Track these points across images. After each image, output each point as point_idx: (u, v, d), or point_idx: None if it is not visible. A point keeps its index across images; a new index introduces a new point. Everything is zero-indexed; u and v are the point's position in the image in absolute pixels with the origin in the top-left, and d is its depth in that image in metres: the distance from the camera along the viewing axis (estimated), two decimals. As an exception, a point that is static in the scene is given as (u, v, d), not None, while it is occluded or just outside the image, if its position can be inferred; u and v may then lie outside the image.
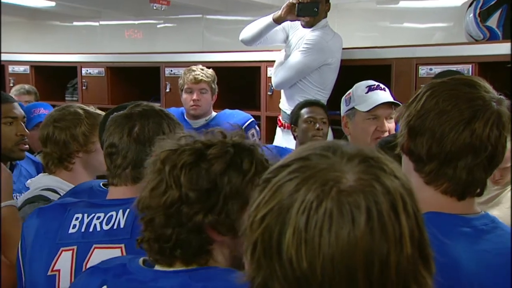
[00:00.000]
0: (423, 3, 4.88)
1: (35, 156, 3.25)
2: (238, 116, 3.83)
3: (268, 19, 4.06)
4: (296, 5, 3.87)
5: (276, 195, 0.83)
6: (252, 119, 3.89)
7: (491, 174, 1.40)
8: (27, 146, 2.66)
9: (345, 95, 2.85)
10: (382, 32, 4.97)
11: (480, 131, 1.31)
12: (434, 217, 1.28)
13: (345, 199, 0.79)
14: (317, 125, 3.34)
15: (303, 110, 3.42)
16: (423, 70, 3.76)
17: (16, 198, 2.57)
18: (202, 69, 3.81)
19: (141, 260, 1.30)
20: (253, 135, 3.76)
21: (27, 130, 2.71)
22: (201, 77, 3.73)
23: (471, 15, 3.93)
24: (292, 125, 3.48)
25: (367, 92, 2.73)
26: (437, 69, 3.66)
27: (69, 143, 2.31)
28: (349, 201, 0.79)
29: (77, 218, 1.65)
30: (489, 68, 3.64)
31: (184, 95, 3.78)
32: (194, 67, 3.81)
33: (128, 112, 1.72)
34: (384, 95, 2.73)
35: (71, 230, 1.64)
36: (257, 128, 3.89)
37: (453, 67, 3.61)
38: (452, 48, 3.81)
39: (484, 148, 1.32)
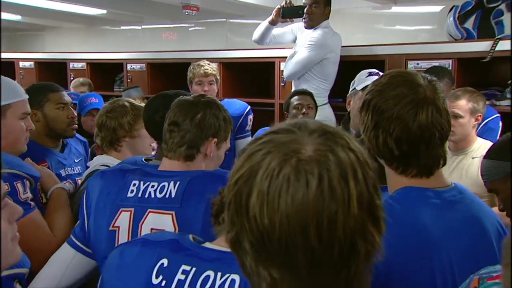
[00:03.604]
0: (411, 9, 4.84)
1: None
2: (238, 104, 3.74)
3: (266, 22, 4.10)
4: (281, 9, 3.92)
5: (247, 162, 0.81)
6: (249, 106, 3.82)
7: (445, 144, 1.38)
8: (76, 126, 2.64)
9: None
10: (377, 33, 4.96)
11: (425, 124, 1.28)
12: (408, 190, 1.32)
13: (302, 167, 0.76)
14: (304, 110, 3.30)
15: (293, 98, 3.38)
16: (411, 65, 3.70)
17: (68, 172, 2.55)
18: (209, 64, 3.68)
19: (190, 237, 1.19)
20: (251, 119, 3.71)
21: (80, 115, 2.69)
22: (210, 71, 3.61)
23: (451, 18, 3.88)
24: (285, 112, 3.44)
25: (367, 76, 2.73)
26: (423, 63, 3.60)
27: (117, 129, 2.35)
28: (305, 169, 0.76)
29: (134, 184, 1.61)
30: (466, 62, 3.63)
31: (195, 87, 3.62)
32: (201, 63, 3.67)
33: (195, 100, 1.65)
34: None
35: (129, 194, 1.60)
36: (252, 114, 3.80)
37: (436, 62, 3.56)
38: (436, 46, 3.76)
39: (433, 135, 1.30)
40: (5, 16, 6.95)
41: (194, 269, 1.09)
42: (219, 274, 1.07)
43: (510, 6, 3.67)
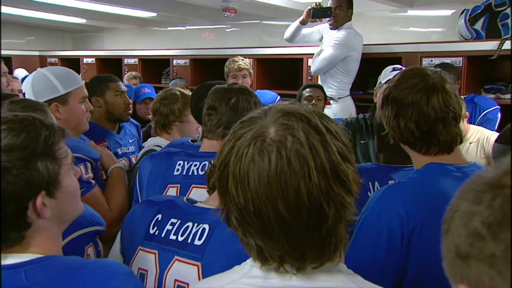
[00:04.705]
0: (425, 12, 4.71)
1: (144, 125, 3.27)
2: (269, 95, 3.76)
3: (297, 22, 4.03)
4: (311, 10, 3.84)
5: (224, 149, 0.81)
6: (279, 97, 3.79)
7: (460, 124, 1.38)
8: (130, 111, 2.66)
9: None
10: (394, 33, 4.86)
11: (438, 106, 1.30)
12: (431, 165, 1.33)
13: (264, 148, 0.76)
14: (313, 101, 3.23)
15: (305, 91, 3.32)
16: (425, 62, 3.60)
17: (124, 151, 2.58)
18: (243, 59, 3.64)
19: (185, 198, 1.26)
20: None
21: (135, 103, 2.73)
22: (243, 66, 3.58)
23: (462, 20, 3.81)
24: (297, 102, 3.36)
25: (391, 71, 2.66)
26: (436, 60, 3.51)
27: (169, 115, 2.37)
28: (267, 149, 0.75)
29: (179, 164, 1.62)
30: (475, 60, 3.55)
31: (231, 80, 3.59)
32: (236, 58, 3.64)
33: (229, 87, 1.65)
34: None
35: (175, 173, 1.61)
36: None
37: (448, 59, 3.47)
38: (448, 45, 3.68)
39: (447, 115, 1.31)
40: (72, 19, 7.08)
41: (179, 221, 1.17)
42: (195, 224, 1.15)
43: (516, 10, 3.62)
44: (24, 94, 2.13)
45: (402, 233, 1.22)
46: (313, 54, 3.99)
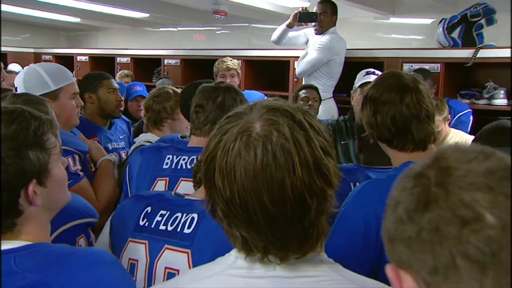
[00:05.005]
0: (406, 20, 4.77)
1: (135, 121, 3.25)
2: (256, 95, 3.69)
3: (283, 25, 4.04)
4: (298, 14, 3.86)
5: (211, 143, 0.80)
6: (267, 97, 3.73)
7: (434, 123, 1.41)
8: (122, 108, 2.65)
9: None
10: (376, 39, 4.90)
11: (412, 104, 1.34)
12: (407, 164, 1.31)
13: (250, 142, 0.75)
14: (310, 102, 3.24)
15: (301, 92, 3.33)
16: (406, 67, 3.64)
17: (114, 146, 2.57)
18: (231, 60, 3.61)
19: (173, 192, 1.27)
20: None
21: (127, 101, 2.71)
22: (231, 66, 3.54)
23: (441, 29, 3.87)
24: (293, 102, 3.36)
25: (364, 76, 2.70)
26: (416, 66, 3.55)
27: (161, 112, 2.36)
28: (253, 144, 0.75)
29: (168, 158, 1.62)
30: (452, 66, 3.60)
31: (219, 79, 3.53)
32: (224, 59, 3.60)
33: (216, 85, 1.64)
34: (373, 78, 2.64)
35: (164, 166, 1.61)
36: None
37: (427, 65, 3.52)
38: (427, 51, 3.74)
39: (421, 112, 1.35)
40: (67, 18, 7.01)
41: (168, 212, 1.17)
42: (184, 214, 1.15)
43: (490, 21, 3.70)
44: (16, 88, 2.11)
45: (378, 228, 1.24)
46: (299, 57, 4.01)
